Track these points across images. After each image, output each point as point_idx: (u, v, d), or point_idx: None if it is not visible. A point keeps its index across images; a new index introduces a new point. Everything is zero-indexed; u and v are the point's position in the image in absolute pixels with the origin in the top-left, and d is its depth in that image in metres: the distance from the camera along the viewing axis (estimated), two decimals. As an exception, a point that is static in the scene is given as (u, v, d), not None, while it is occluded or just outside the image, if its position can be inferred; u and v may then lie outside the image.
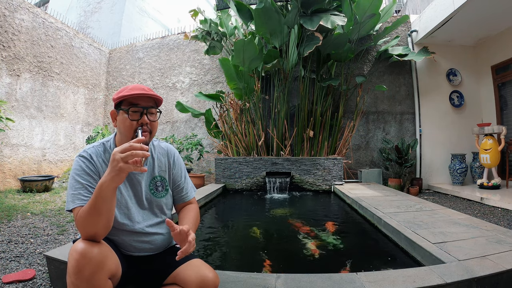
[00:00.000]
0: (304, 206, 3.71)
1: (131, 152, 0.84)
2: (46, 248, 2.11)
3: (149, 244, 1.15)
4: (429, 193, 4.82)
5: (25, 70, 5.01)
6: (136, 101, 1.07)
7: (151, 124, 1.10)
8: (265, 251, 2.02)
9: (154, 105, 1.13)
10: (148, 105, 1.09)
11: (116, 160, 0.85)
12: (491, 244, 1.67)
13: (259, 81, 5.12)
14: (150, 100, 1.11)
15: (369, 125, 5.61)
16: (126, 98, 1.07)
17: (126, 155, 0.84)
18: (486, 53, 5.32)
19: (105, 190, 0.87)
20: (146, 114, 1.08)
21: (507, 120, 5.01)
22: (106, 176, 0.88)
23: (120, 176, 0.87)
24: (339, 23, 4.14)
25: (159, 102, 1.16)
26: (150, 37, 7.42)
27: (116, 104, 1.10)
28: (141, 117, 1.07)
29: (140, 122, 1.07)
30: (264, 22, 4.43)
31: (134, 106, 1.07)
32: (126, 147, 0.86)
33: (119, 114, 1.09)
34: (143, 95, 1.07)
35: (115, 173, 0.86)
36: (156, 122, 1.14)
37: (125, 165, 0.85)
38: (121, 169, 0.85)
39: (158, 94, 1.14)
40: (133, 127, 1.07)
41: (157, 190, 1.20)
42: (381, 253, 2.01)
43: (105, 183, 0.87)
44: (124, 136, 1.09)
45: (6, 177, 4.69)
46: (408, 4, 7.80)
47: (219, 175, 4.71)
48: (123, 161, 0.84)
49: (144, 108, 1.08)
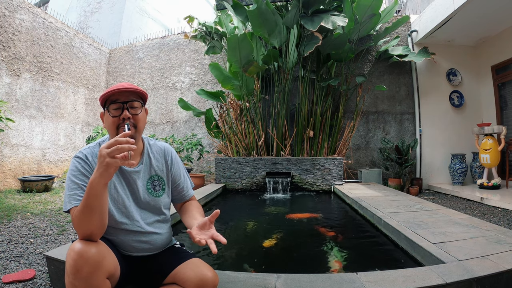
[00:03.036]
0: (304, 206, 3.70)
1: (116, 147, 0.84)
2: (46, 248, 2.11)
3: (148, 244, 1.15)
4: (429, 193, 4.82)
5: (25, 70, 5.01)
6: (116, 98, 1.08)
7: (134, 118, 1.09)
8: (265, 251, 2.02)
9: (136, 98, 1.12)
10: (128, 99, 1.09)
11: (103, 155, 0.85)
12: (491, 244, 1.66)
13: (259, 81, 5.12)
14: (131, 94, 1.10)
15: (369, 125, 5.61)
16: (106, 97, 1.08)
17: (112, 149, 0.84)
18: (486, 53, 5.32)
19: (95, 187, 0.88)
20: (126, 109, 1.08)
21: (507, 120, 5.01)
22: (95, 173, 0.88)
23: (108, 172, 0.87)
24: (340, 23, 4.12)
25: (143, 95, 1.15)
26: (150, 37, 7.42)
27: (102, 105, 1.11)
28: (122, 113, 1.07)
29: (122, 117, 1.07)
30: (260, 23, 4.43)
31: (113, 103, 1.07)
32: (111, 142, 0.86)
33: (105, 113, 1.11)
34: (121, 90, 1.07)
35: (103, 168, 0.86)
36: (141, 115, 1.13)
37: (111, 160, 0.84)
38: (108, 164, 0.85)
39: (158, 95, 1.14)
40: (115, 123, 1.07)
41: (155, 190, 1.20)
42: (381, 253, 2.00)
43: (95, 180, 0.88)
44: (110, 134, 1.11)
45: (6, 177, 4.69)
46: (408, 4, 7.81)
47: (219, 175, 4.71)
48: (109, 156, 0.84)
49: (123, 103, 1.08)
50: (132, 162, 0.88)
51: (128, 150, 0.85)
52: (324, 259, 1.88)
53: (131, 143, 0.86)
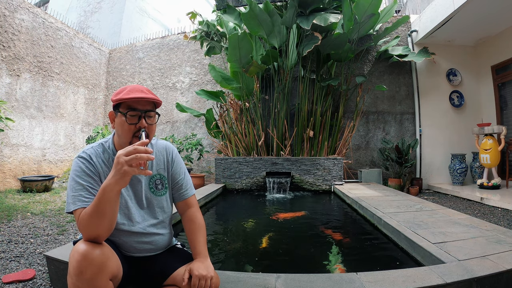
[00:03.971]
0: (304, 206, 3.70)
1: (135, 155, 0.84)
2: (46, 248, 2.11)
3: (150, 245, 1.15)
4: (429, 193, 4.82)
5: (25, 70, 5.01)
6: (135, 105, 1.04)
7: (148, 128, 1.08)
8: (264, 250, 2.02)
9: (152, 107, 1.10)
10: (146, 109, 1.06)
11: (121, 163, 0.84)
12: (491, 244, 1.66)
13: (259, 81, 5.12)
14: (149, 103, 1.07)
15: (369, 125, 5.61)
16: (124, 101, 1.04)
17: (130, 158, 0.84)
18: (486, 53, 5.32)
19: (109, 193, 0.87)
20: (144, 118, 1.06)
21: (507, 120, 5.01)
22: (110, 179, 0.87)
23: (124, 180, 0.87)
24: (332, 20, 4.18)
25: (158, 104, 1.13)
26: (150, 37, 7.42)
27: (115, 105, 1.07)
28: (139, 121, 1.05)
29: (138, 126, 1.05)
30: (257, 24, 4.44)
31: (132, 110, 1.04)
32: (130, 150, 0.85)
33: (117, 116, 1.07)
34: (141, 99, 1.04)
35: (119, 176, 0.85)
36: (154, 125, 1.12)
37: (129, 169, 0.84)
38: (125, 172, 0.85)
39: (158, 95, 1.13)
40: (132, 131, 1.05)
41: (157, 189, 1.19)
42: (381, 253, 2.00)
43: (109, 186, 0.87)
44: (122, 139, 1.08)
45: (6, 177, 4.69)
46: (408, 4, 7.80)
47: (219, 175, 4.71)
48: (127, 164, 0.84)
49: (142, 112, 1.05)
50: (150, 172, 0.88)
51: (147, 159, 0.85)
52: (323, 259, 1.88)
53: (150, 152, 0.86)
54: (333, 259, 1.87)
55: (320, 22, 4.17)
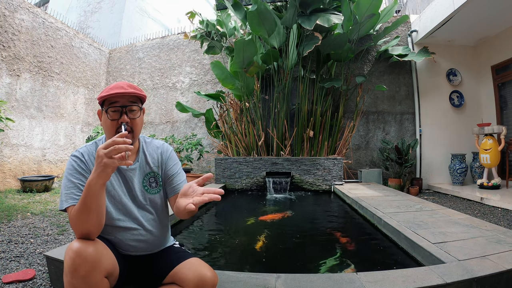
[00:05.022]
0: (304, 206, 3.70)
1: (114, 147, 0.85)
2: (46, 248, 2.11)
3: (146, 243, 1.15)
4: (429, 193, 4.82)
5: (25, 70, 5.01)
6: (115, 100, 1.07)
7: (132, 122, 1.09)
8: (264, 250, 2.02)
9: (135, 102, 1.11)
10: (126, 104, 1.08)
11: (100, 156, 0.85)
12: (491, 244, 1.66)
13: (259, 81, 5.12)
14: (130, 98, 1.09)
15: (369, 125, 5.61)
16: (105, 98, 1.07)
17: (109, 150, 0.85)
18: (486, 53, 5.32)
19: (93, 187, 0.89)
20: (125, 113, 1.07)
21: (507, 120, 5.01)
22: (93, 173, 0.89)
23: (106, 172, 0.87)
24: (335, 21, 4.17)
25: (142, 98, 1.14)
26: (150, 37, 7.42)
27: (100, 104, 1.11)
28: (121, 116, 1.07)
29: (120, 121, 1.07)
30: (259, 24, 4.43)
31: (113, 106, 1.06)
32: (109, 142, 0.86)
33: (103, 113, 1.10)
34: (120, 94, 1.06)
35: (100, 169, 0.86)
36: (138, 119, 1.12)
37: (109, 160, 0.85)
38: (105, 164, 0.85)
39: (158, 95, 1.13)
40: (114, 126, 1.07)
41: (151, 186, 1.20)
42: (381, 253, 2.00)
43: (93, 180, 0.88)
44: (107, 135, 1.11)
45: (6, 177, 4.69)
46: (408, 4, 7.80)
47: (219, 175, 4.71)
48: (106, 156, 0.85)
49: (122, 107, 1.07)
50: (130, 162, 0.89)
51: (125, 150, 0.86)
52: (323, 259, 1.88)
53: (128, 143, 0.86)
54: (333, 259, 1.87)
55: (324, 22, 4.16)
